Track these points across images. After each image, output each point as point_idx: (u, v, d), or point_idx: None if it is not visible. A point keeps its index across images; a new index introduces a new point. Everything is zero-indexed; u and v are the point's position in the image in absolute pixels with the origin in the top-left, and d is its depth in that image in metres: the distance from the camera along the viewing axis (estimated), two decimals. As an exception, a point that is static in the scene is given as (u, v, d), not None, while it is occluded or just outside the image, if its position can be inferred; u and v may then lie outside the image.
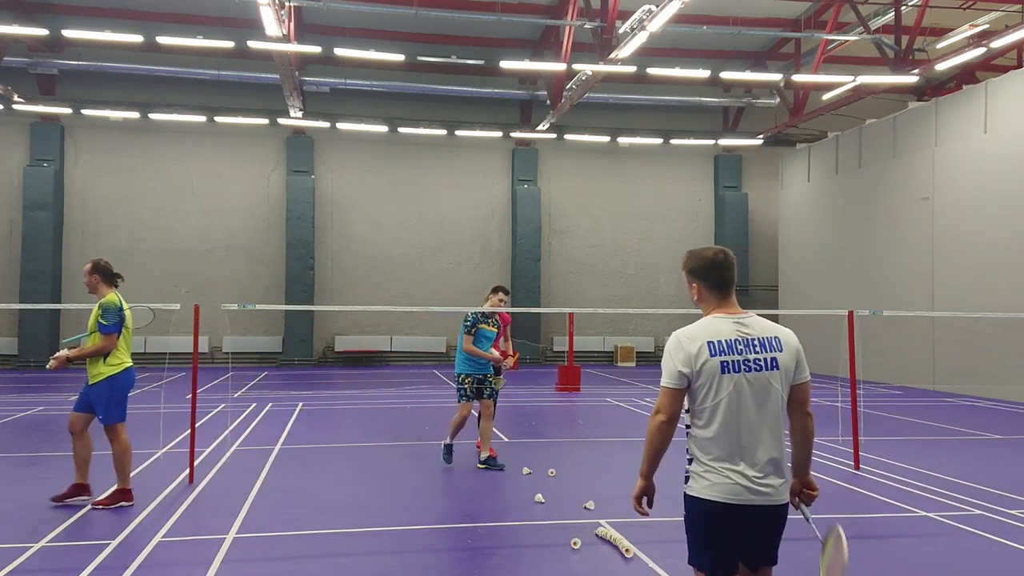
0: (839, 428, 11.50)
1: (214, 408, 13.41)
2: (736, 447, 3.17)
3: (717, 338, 3.22)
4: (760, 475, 3.17)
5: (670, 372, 3.23)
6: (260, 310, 23.37)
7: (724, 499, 3.15)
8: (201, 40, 18.32)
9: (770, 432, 3.20)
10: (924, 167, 18.90)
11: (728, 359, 3.19)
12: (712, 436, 3.18)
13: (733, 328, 3.27)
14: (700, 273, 3.38)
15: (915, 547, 6.08)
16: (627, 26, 16.05)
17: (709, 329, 3.25)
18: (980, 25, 18.90)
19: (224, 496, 7.39)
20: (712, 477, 3.18)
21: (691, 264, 3.41)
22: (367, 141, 24.87)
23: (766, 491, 3.17)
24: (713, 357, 3.18)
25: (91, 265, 7.22)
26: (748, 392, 3.18)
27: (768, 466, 3.18)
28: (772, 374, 3.23)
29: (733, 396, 3.17)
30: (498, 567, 5.53)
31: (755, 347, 3.24)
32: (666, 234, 26.78)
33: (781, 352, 3.27)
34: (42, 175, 22.62)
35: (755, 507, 3.16)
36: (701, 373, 3.18)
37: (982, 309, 15.90)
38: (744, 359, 3.20)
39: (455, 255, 25.38)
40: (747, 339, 3.25)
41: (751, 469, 3.16)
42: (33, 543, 5.86)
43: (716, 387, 3.18)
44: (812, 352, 16.54)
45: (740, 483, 3.15)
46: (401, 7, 18.78)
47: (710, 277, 3.37)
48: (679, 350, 3.22)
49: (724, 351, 3.20)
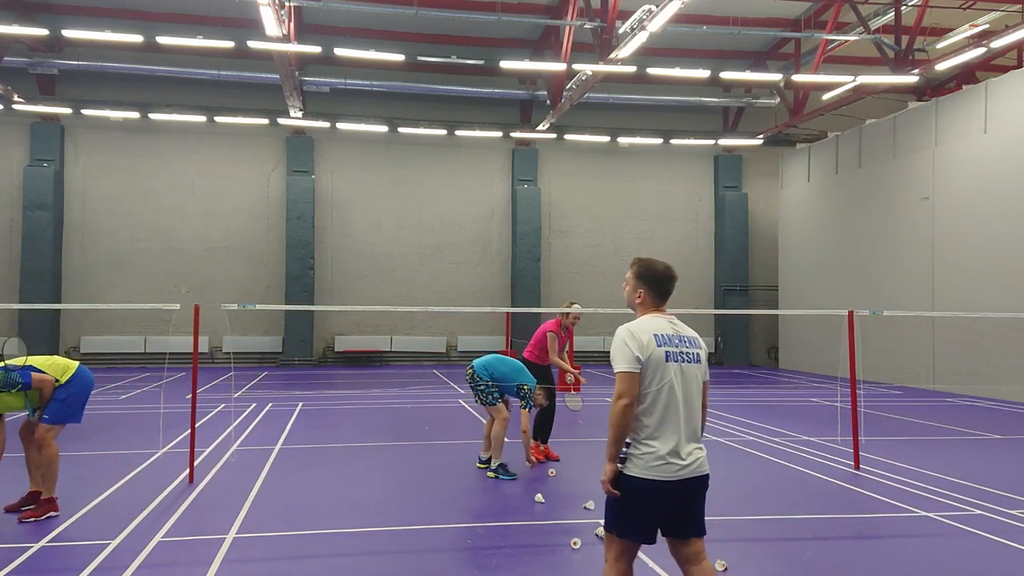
0: (839, 428, 11.51)
1: (214, 408, 13.41)
2: (673, 427, 3.65)
3: (660, 332, 3.73)
4: (690, 451, 3.69)
5: (628, 358, 3.66)
6: (260, 310, 23.37)
7: (663, 477, 3.61)
8: (201, 40, 18.31)
9: (694, 414, 3.75)
10: (924, 167, 18.90)
11: (670, 350, 3.71)
12: (652, 417, 3.65)
13: (669, 325, 3.80)
14: (650, 282, 3.89)
15: (915, 547, 6.08)
16: (627, 26, 16.05)
17: (653, 324, 3.76)
18: (980, 25, 18.90)
19: (224, 496, 7.39)
20: (650, 458, 3.63)
21: (643, 273, 3.91)
22: (367, 141, 24.87)
23: (695, 465, 3.71)
24: (660, 347, 3.68)
25: None
26: (682, 379, 3.71)
27: (695, 443, 3.74)
28: (698, 366, 3.82)
29: (673, 382, 3.67)
30: (498, 567, 5.53)
31: (686, 343, 3.79)
32: (666, 234, 26.78)
33: (701, 350, 3.87)
34: (42, 175, 22.62)
35: (686, 480, 3.67)
36: (650, 361, 3.65)
37: (982, 309, 15.90)
38: (680, 351, 3.74)
39: (455, 255, 25.38)
40: (680, 336, 3.79)
41: (684, 446, 3.67)
42: (33, 543, 5.86)
43: (661, 373, 3.66)
44: (812, 352, 16.73)
45: (675, 461, 3.64)
46: (401, 7, 18.78)
47: (658, 288, 3.90)
48: (633, 339, 3.69)
49: (666, 343, 3.71)
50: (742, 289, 26.38)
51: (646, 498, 3.64)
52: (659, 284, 3.88)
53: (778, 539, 6.23)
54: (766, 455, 9.72)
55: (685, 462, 3.67)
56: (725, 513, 6.92)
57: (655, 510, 3.67)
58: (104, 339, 23.20)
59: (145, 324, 23.40)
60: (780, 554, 5.84)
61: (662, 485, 3.63)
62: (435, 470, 8.68)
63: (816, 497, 7.64)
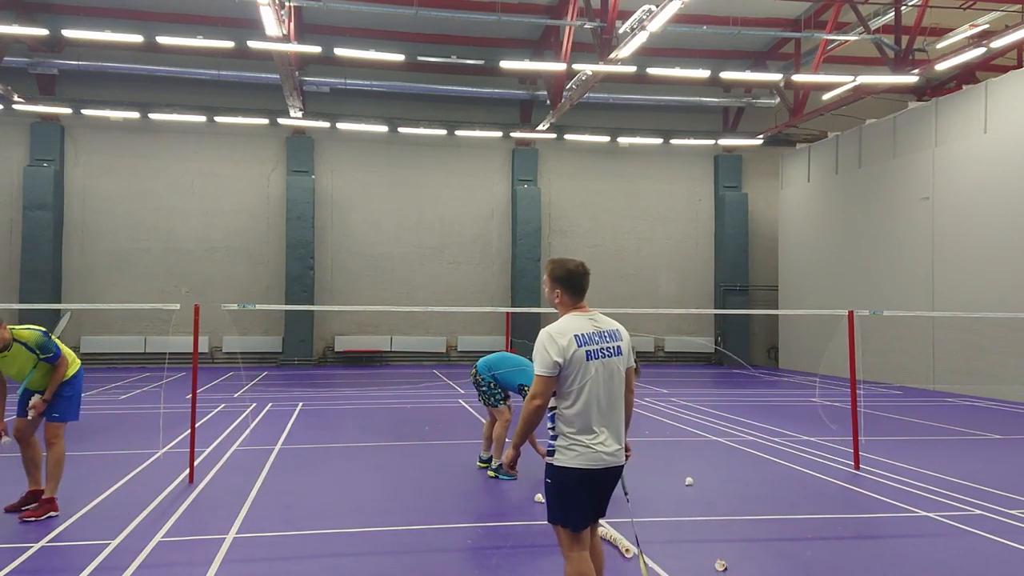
0: (839, 428, 11.51)
1: (214, 408, 13.41)
2: (594, 421, 3.87)
3: (581, 332, 3.90)
4: (610, 443, 3.91)
5: (546, 363, 3.84)
6: (260, 310, 23.37)
7: (586, 466, 3.86)
8: (201, 40, 18.31)
9: (616, 407, 3.96)
10: (924, 167, 18.90)
11: (590, 348, 3.89)
12: (576, 413, 3.86)
13: (589, 324, 3.97)
14: (564, 281, 4.06)
15: (915, 547, 6.08)
16: (627, 26, 16.05)
17: (573, 325, 3.93)
18: (980, 25, 18.90)
19: (224, 496, 7.39)
20: (577, 448, 3.86)
21: (557, 273, 4.08)
22: (367, 141, 24.87)
23: (615, 455, 3.93)
24: (580, 348, 3.86)
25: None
26: (603, 375, 3.90)
27: (615, 435, 3.93)
28: (618, 359, 3.99)
29: (594, 379, 3.87)
30: (498, 567, 5.53)
31: (606, 338, 3.97)
32: (666, 234, 26.78)
33: (621, 342, 4.03)
34: (42, 175, 22.62)
35: (606, 469, 3.91)
36: (571, 362, 3.84)
37: (982, 309, 15.91)
38: (600, 348, 3.92)
39: (455, 255, 25.38)
40: (600, 332, 3.96)
41: (605, 438, 3.89)
42: (33, 543, 5.86)
43: (583, 372, 3.86)
44: (812, 352, 16.73)
45: (598, 451, 3.87)
46: (401, 7, 18.78)
47: (573, 285, 4.06)
48: (553, 344, 3.86)
49: (587, 342, 3.89)
50: (742, 289, 26.38)
51: (578, 487, 3.89)
52: (573, 281, 4.05)
53: (778, 539, 6.23)
54: (766, 455, 9.72)
55: (609, 453, 3.91)
56: (725, 513, 6.92)
57: (586, 497, 3.93)
58: (104, 339, 23.21)
59: (145, 324, 23.40)
60: (780, 554, 5.84)
61: (590, 473, 3.88)
62: (435, 470, 8.68)
63: (816, 497, 7.64)
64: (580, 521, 3.94)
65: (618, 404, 3.97)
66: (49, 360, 6.62)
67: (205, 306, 9.58)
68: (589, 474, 3.88)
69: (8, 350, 6.50)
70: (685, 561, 5.67)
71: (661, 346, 26.39)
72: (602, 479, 3.94)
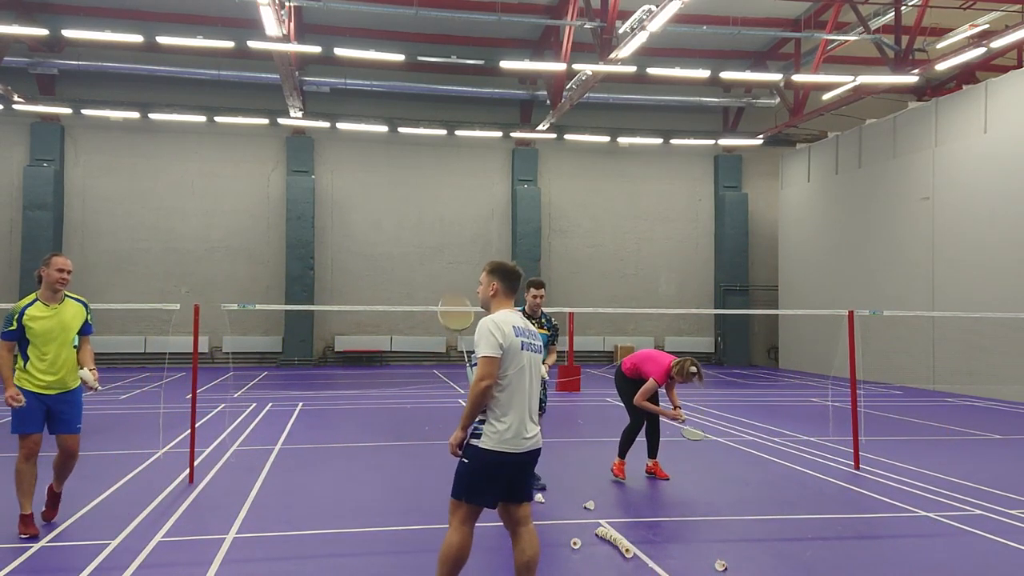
0: (831, 428, 11.51)
1: (214, 408, 13.41)
2: (520, 407, 4.25)
3: (517, 324, 4.34)
4: (531, 428, 4.30)
5: (492, 345, 4.20)
6: (260, 310, 23.37)
7: (511, 449, 4.21)
8: (201, 40, 18.31)
9: (535, 396, 4.40)
10: (924, 167, 18.90)
11: (524, 340, 4.32)
12: (507, 398, 4.23)
13: (521, 319, 4.41)
14: (502, 277, 4.50)
15: (915, 547, 6.08)
16: (627, 26, 16.05)
17: (510, 317, 4.34)
18: (980, 25, 18.91)
19: (224, 496, 7.39)
20: (502, 432, 4.20)
21: (496, 268, 4.53)
22: (367, 141, 24.87)
23: (534, 439, 4.33)
24: (517, 337, 4.28)
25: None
26: (530, 366, 4.34)
27: (534, 421, 4.36)
28: (540, 355, 4.50)
29: (523, 368, 4.28)
30: (498, 567, 5.53)
31: (533, 335, 4.42)
32: (666, 234, 26.78)
33: (542, 342, 4.56)
34: (42, 175, 22.62)
35: (528, 452, 4.29)
36: (509, 349, 4.23)
37: (982, 309, 15.90)
38: (530, 341, 4.37)
39: (455, 255, 25.37)
40: (528, 328, 4.41)
41: (527, 424, 4.28)
42: (33, 543, 5.85)
43: (516, 360, 4.25)
44: (812, 352, 16.71)
45: (521, 435, 4.24)
46: (401, 7, 18.78)
47: (508, 282, 4.50)
48: (497, 329, 4.25)
49: (522, 334, 4.32)
50: (742, 289, 26.38)
51: (497, 468, 4.21)
52: (509, 278, 4.49)
53: (778, 539, 6.23)
54: (766, 455, 9.71)
55: (529, 437, 4.28)
56: (725, 513, 6.92)
57: (502, 478, 4.25)
58: (104, 339, 23.17)
59: (145, 324, 23.40)
60: (780, 554, 5.83)
61: (510, 456, 4.22)
62: (435, 470, 8.66)
63: (816, 497, 7.63)
64: (488, 500, 4.25)
65: (536, 395, 4.41)
66: (89, 329, 6.36)
67: (205, 306, 9.58)
68: (511, 457, 4.21)
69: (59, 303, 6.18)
70: (685, 561, 5.67)
71: (661, 346, 26.37)
72: (519, 462, 4.27)
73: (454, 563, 4.22)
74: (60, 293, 6.27)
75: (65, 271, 6.30)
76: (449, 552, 4.22)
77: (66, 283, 6.30)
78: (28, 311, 6.06)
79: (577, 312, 18.30)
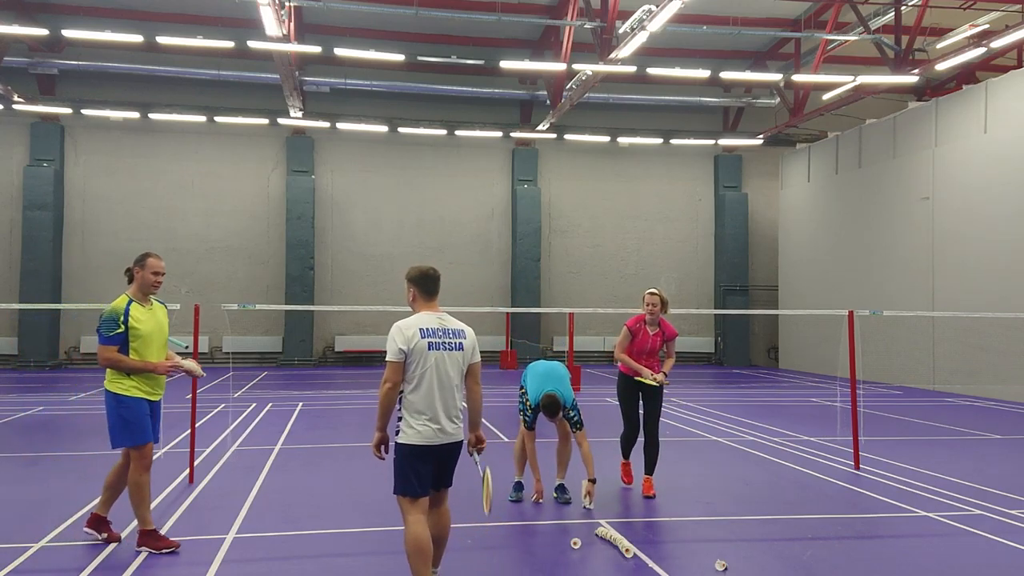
0: (839, 428, 11.51)
1: (214, 408, 13.41)
2: (433, 403, 4.54)
3: (425, 326, 4.60)
4: (446, 423, 4.58)
5: (393, 351, 4.54)
6: (260, 310, 23.36)
7: (426, 443, 4.54)
8: (201, 40, 18.31)
9: (452, 393, 4.63)
10: (924, 167, 18.90)
11: (432, 340, 4.57)
12: (419, 396, 4.54)
13: (436, 321, 4.66)
14: (417, 282, 4.82)
15: (915, 547, 6.08)
16: (627, 26, 16.04)
17: (421, 320, 4.64)
18: (980, 25, 18.90)
19: (224, 496, 7.39)
20: (419, 428, 4.53)
21: (411, 276, 4.86)
22: (367, 141, 24.87)
23: (451, 434, 4.62)
24: (424, 339, 4.55)
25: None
26: (442, 365, 4.57)
27: (451, 416, 4.62)
28: (459, 354, 4.66)
29: (433, 367, 4.55)
30: (498, 567, 5.53)
31: (449, 335, 4.65)
32: (666, 234, 26.77)
33: (464, 340, 4.69)
34: (42, 175, 22.61)
35: (443, 445, 4.59)
36: (414, 351, 4.52)
37: (982, 309, 15.90)
38: (442, 341, 4.60)
39: (455, 255, 25.36)
40: (444, 329, 4.64)
41: (443, 419, 4.57)
42: (33, 543, 5.86)
43: (424, 360, 4.54)
44: (812, 352, 16.66)
45: (437, 431, 4.55)
46: (401, 7, 18.78)
47: (424, 286, 4.81)
48: (400, 334, 4.56)
49: (430, 335, 4.58)
50: (742, 289, 26.37)
51: (419, 461, 4.54)
52: (424, 282, 4.79)
53: (778, 539, 6.23)
54: (766, 455, 9.72)
55: (445, 431, 4.58)
56: (725, 513, 6.92)
57: (425, 469, 4.57)
58: (104, 339, 23.17)
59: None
60: (780, 554, 5.83)
61: (429, 449, 4.55)
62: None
63: (816, 497, 7.63)
64: (419, 490, 4.57)
65: (456, 391, 4.65)
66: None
67: (205, 306, 9.58)
68: (429, 449, 4.55)
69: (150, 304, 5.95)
70: (685, 561, 5.67)
71: (661, 346, 26.36)
72: (441, 453, 4.62)
73: (414, 553, 4.46)
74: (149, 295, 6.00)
75: (161, 274, 6.06)
76: (407, 545, 4.50)
77: (160, 287, 6.05)
78: (132, 312, 5.77)
79: (577, 312, 18.25)
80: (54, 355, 22.67)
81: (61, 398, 15.30)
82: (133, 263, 6.10)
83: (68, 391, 16.49)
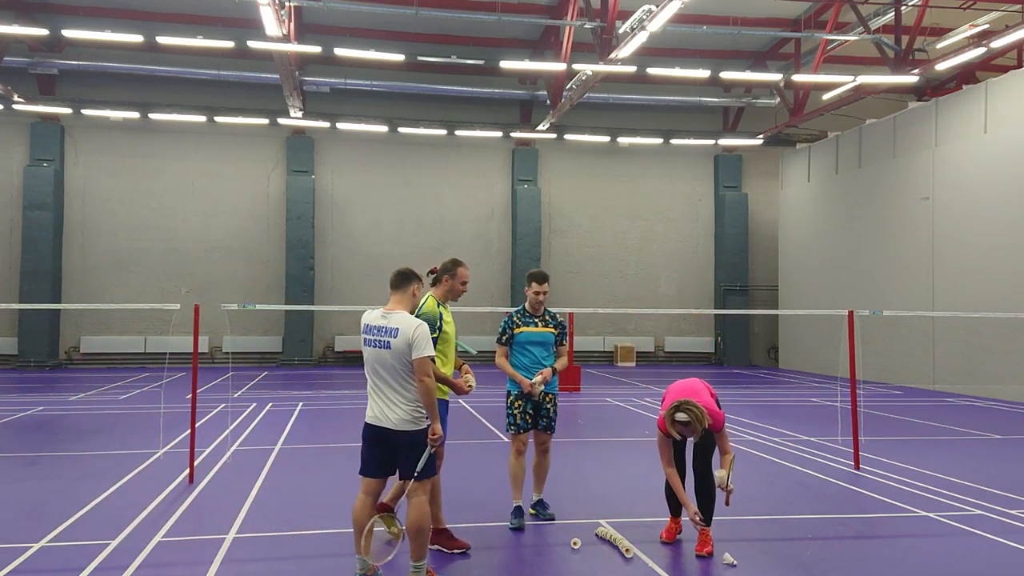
0: (839, 428, 11.51)
1: (214, 408, 13.41)
2: (371, 390, 5.08)
3: (369, 322, 5.09)
4: (376, 409, 5.04)
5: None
6: (260, 310, 23.37)
7: (368, 421, 5.08)
8: (201, 40, 18.31)
9: (388, 384, 4.98)
10: (924, 167, 18.90)
11: (368, 336, 5.05)
12: (368, 384, 5.10)
13: (380, 318, 5.04)
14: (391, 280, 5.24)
15: (915, 547, 6.08)
16: (627, 26, 16.04)
17: (370, 316, 5.11)
18: (980, 25, 18.90)
19: (224, 496, 7.39)
20: (367, 410, 5.10)
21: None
22: (367, 141, 24.87)
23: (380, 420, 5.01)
24: (364, 333, 5.09)
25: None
26: (373, 358, 5.02)
27: (387, 404, 4.99)
28: (386, 351, 4.95)
29: (367, 358, 5.06)
30: (498, 567, 5.53)
31: (382, 332, 4.98)
32: (666, 234, 26.77)
33: (393, 339, 4.92)
34: (42, 175, 22.61)
35: (383, 428, 4.98)
36: (362, 342, 5.10)
37: (982, 309, 15.90)
38: (374, 338, 5.00)
39: (455, 255, 25.05)
40: (380, 327, 4.99)
41: (377, 405, 5.04)
42: (33, 543, 5.86)
43: (365, 352, 5.08)
44: (812, 352, 16.68)
45: (375, 412, 5.05)
46: (401, 7, 18.78)
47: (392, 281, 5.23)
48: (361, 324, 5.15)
49: (367, 331, 5.07)
50: (742, 289, 26.37)
51: (366, 441, 5.10)
52: (393, 278, 5.25)
53: (778, 539, 6.23)
54: (766, 455, 9.72)
55: (374, 416, 5.04)
56: (726, 513, 6.92)
57: (373, 452, 5.07)
58: (104, 339, 23.20)
59: (145, 324, 23.40)
60: (780, 554, 5.84)
61: (372, 429, 5.06)
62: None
63: (816, 497, 7.64)
64: (364, 468, 5.09)
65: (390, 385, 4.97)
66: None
67: (205, 306, 9.58)
68: (371, 429, 5.05)
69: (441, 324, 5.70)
70: (685, 561, 5.67)
71: (661, 346, 26.39)
72: (377, 436, 5.02)
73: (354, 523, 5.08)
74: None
75: (467, 283, 6.24)
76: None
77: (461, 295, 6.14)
78: (444, 314, 5.76)
79: (577, 312, 18.25)
80: (54, 355, 22.67)
81: (61, 398, 15.30)
82: (440, 269, 6.19)
83: (68, 391, 16.49)
